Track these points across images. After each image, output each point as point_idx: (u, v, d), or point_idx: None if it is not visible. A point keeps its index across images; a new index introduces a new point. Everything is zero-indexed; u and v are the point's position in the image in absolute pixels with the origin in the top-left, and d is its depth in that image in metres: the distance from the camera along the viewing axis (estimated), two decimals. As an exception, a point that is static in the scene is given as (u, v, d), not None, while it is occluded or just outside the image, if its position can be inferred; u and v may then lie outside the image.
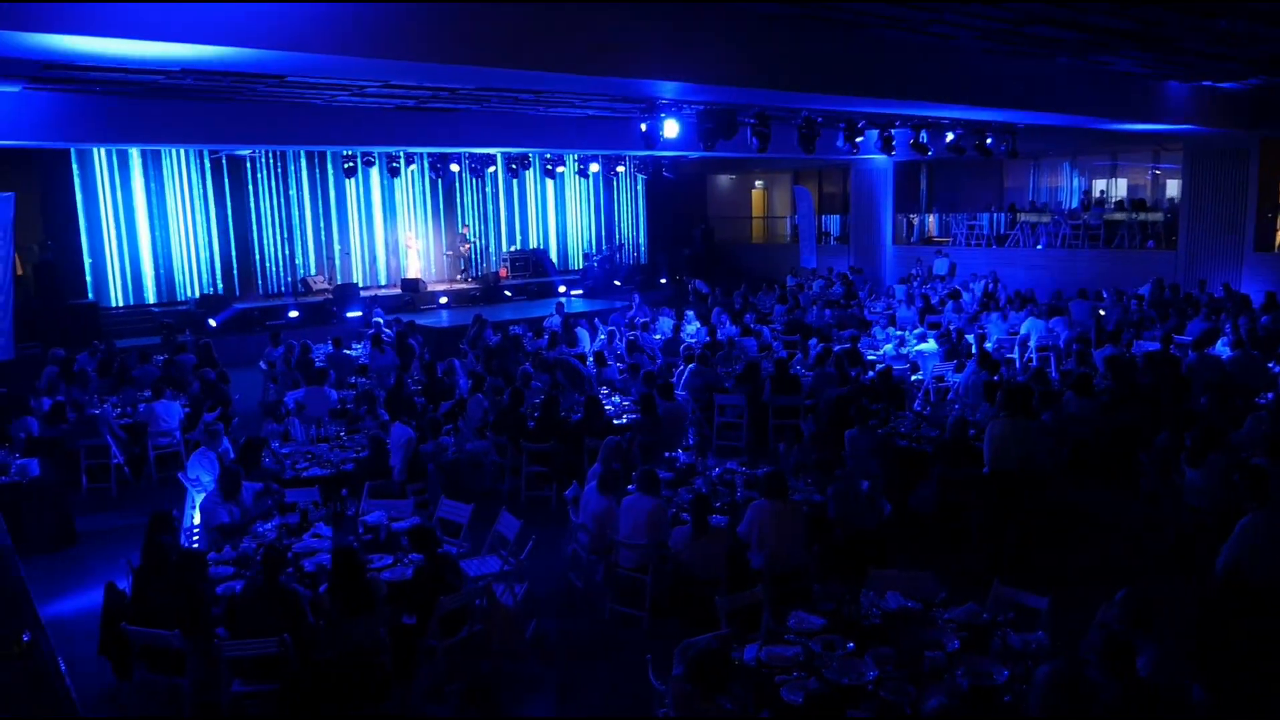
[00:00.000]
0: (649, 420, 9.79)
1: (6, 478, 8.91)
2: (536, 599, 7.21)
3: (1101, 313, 16.06)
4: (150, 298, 20.07)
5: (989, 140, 16.93)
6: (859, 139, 15.48)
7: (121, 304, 19.69)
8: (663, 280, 25.50)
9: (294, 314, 19.52)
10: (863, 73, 10.76)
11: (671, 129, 12.63)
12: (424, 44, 7.73)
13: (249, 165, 21.01)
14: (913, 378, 12.74)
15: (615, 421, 10.14)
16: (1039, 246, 22.51)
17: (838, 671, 4.68)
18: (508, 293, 23.13)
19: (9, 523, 8.44)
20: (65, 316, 17.28)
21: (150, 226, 19.94)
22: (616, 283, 24.27)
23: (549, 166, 22.33)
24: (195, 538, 7.50)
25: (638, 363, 12.61)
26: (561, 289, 23.78)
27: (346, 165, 19.84)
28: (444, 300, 22.02)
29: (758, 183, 31.77)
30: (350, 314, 19.62)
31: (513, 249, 25.30)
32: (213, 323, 18.43)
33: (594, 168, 23.04)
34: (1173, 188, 22.93)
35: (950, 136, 16.96)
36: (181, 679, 5.49)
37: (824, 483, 7.50)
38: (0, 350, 13.86)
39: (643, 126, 12.72)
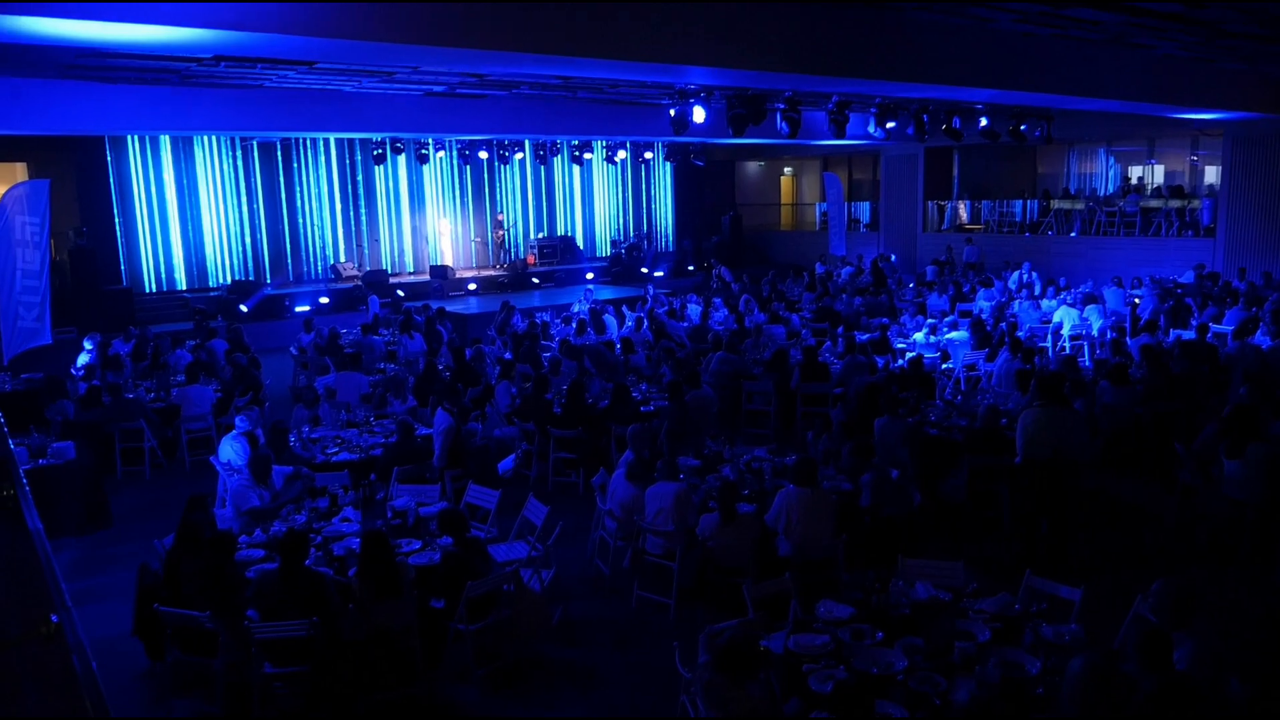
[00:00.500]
0: (676, 408, 9.75)
1: (44, 460, 9.04)
2: (563, 585, 7.21)
3: (1136, 301, 15.81)
4: (182, 284, 20.31)
5: (1024, 126, 16.67)
6: (890, 124, 15.29)
7: (154, 290, 19.94)
8: (690, 267, 25.42)
9: (324, 300, 19.68)
10: (896, 56, 10.61)
11: (700, 115, 12.54)
12: (454, 30, 7.72)
13: (279, 152, 21.16)
14: (943, 366, 12.62)
15: (642, 409, 10.11)
16: (1072, 234, 22.18)
17: (866, 661, 4.64)
18: (535, 279, 23.15)
19: (46, 505, 8.58)
20: (100, 302, 17.53)
21: (181, 213, 20.16)
22: (644, 270, 24.21)
23: (577, 153, 22.31)
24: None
25: (669, 347, 12.59)
26: (589, 276, 23.77)
27: (376, 152, 19.96)
28: (472, 287, 22.09)
29: (787, 169, 31.55)
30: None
31: (541, 236, 25.31)
32: (244, 308, 18.61)
33: (621, 154, 22.98)
34: (1211, 174, 22.49)
35: (984, 122, 16.72)
36: (213, 660, 5.55)
37: (857, 470, 7.43)
38: (38, 335, 14.07)
39: (672, 112, 12.64)
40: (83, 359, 13.20)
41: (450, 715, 5.84)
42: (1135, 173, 24.60)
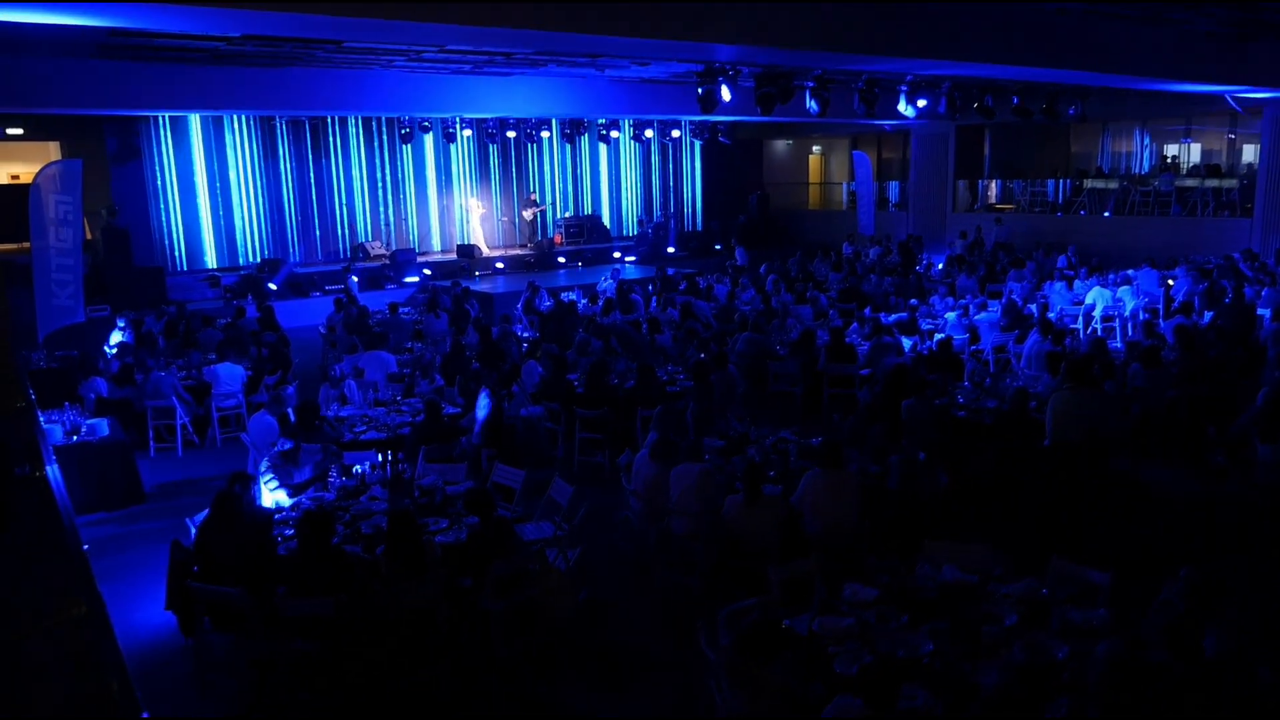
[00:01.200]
0: (701, 388, 9.73)
1: (77, 438, 9.19)
2: (589, 565, 7.24)
3: (1171, 282, 15.56)
4: (211, 262, 20.53)
5: (1057, 104, 16.39)
6: (921, 102, 15.08)
7: (184, 268, 20.17)
8: (718, 247, 25.29)
9: (354, 278, 19.78)
10: (928, 33, 10.45)
11: (727, 94, 12.43)
12: (483, 7, 7.69)
13: (307, 131, 21.24)
14: (971, 348, 12.49)
15: (668, 389, 10.10)
16: (1105, 214, 21.83)
17: (892, 644, 4.62)
18: (561, 259, 23.14)
19: (81, 481, 8.73)
20: (132, 280, 17.73)
21: (211, 191, 20.36)
22: (670, 250, 24.13)
23: (603, 132, 22.21)
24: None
25: (695, 328, 12.55)
26: (616, 255, 23.72)
27: (403, 131, 19.99)
28: (500, 266, 22.12)
29: (815, 148, 31.25)
30: (408, 279, 19.86)
31: (567, 215, 25.27)
32: (273, 286, 18.76)
33: (648, 133, 22.86)
34: (1250, 153, 22.03)
35: (1016, 100, 16.46)
36: (243, 635, 5.62)
37: (885, 452, 7.39)
38: (72, 313, 14.25)
39: (700, 90, 12.53)
40: (116, 337, 13.37)
41: (475, 695, 5.89)
42: (1171, 151, 24.15)
